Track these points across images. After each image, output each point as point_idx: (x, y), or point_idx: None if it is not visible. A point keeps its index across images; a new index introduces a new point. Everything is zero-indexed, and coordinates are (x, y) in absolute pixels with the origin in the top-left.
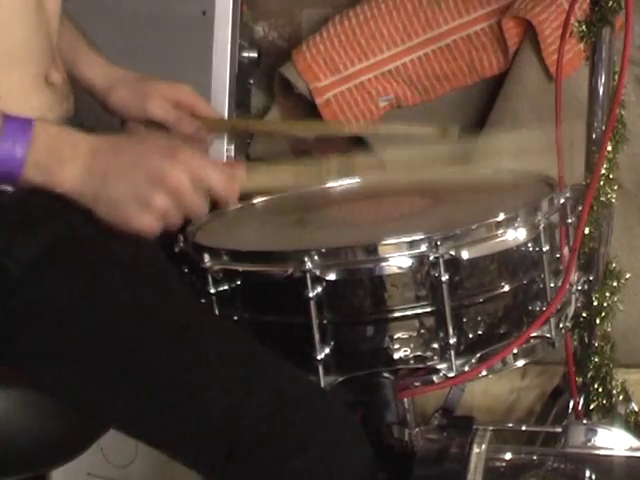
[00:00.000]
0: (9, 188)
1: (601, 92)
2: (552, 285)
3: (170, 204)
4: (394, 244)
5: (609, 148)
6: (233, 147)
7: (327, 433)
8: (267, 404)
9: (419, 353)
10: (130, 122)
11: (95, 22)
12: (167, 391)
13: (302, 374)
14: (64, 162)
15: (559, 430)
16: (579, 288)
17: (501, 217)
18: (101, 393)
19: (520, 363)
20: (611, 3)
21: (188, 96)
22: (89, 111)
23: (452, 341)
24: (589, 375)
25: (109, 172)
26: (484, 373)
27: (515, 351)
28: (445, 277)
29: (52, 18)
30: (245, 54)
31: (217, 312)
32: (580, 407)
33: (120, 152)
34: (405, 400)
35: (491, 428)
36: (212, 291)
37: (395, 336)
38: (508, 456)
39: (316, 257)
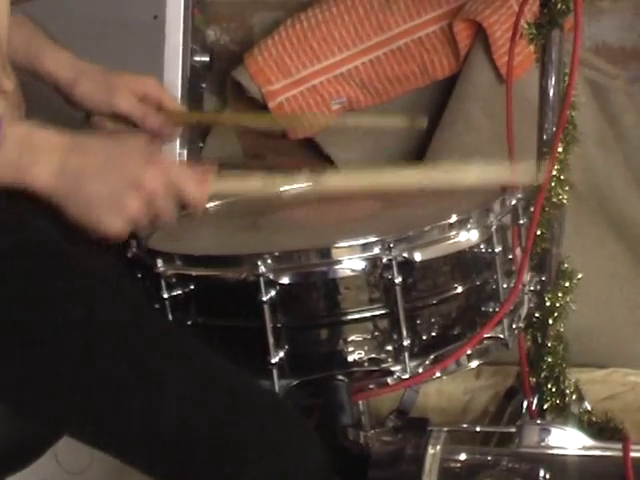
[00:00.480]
0: None
1: (551, 93)
2: (505, 286)
3: (143, 209)
4: (347, 247)
5: (560, 149)
6: (185, 151)
7: (281, 439)
8: (220, 416)
9: (373, 355)
10: (95, 116)
11: (46, 25)
12: (119, 402)
13: (255, 380)
14: (36, 160)
15: (513, 430)
16: (532, 289)
17: (453, 219)
18: (52, 401)
19: (474, 364)
20: (560, 5)
21: (154, 89)
22: (40, 118)
23: (406, 343)
24: (543, 375)
25: (84, 172)
26: (438, 374)
27: (469, 352)
28: (398, 279)
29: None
30: (197, 58)
31: (171, 317)
32: (534, 407)
33: (97, 152)
34: (360, 402)
35: (446, 429)
36: (165, 296)
37: (349, 339)
38: (463, 457)
39: (269, 261)
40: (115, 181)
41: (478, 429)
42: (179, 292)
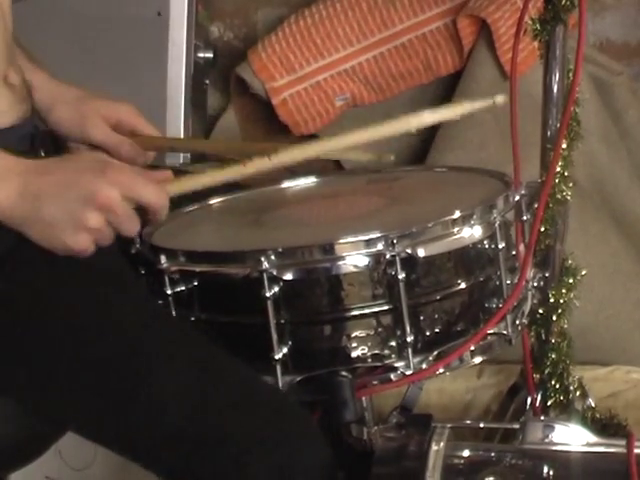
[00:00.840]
0: None
1: (555, 90)
2: (508, 282)
3: (103, 222)
4: (351, 243)
5: (564, 146)
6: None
7: (284, 434)
8: (224, 407)
9: (377, 351)
10: (71, 143)
11: (50, 23)
12: (123, 395)
13: (258, 375)
14: None
15: (517, 427)
16: (535, 285)
17: (457, 215)
18: (57, 395)
19: (477, 360)
20: (564, 1)
21: (128, 115)
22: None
23: (409, 339)
24: (546, 372)
25: (41, 194)
26: (441, 370)
27: (472, 348)
28: (402, 275)
29: (6, 19)
30: (201, 54)
31: (174, 313)
32: (538, 403)
33: (51, 173)
34: (363, 399)
35: (449, 425)
36: (169, 292)
37: (353, 335)
38: (466, 453)
39: (273, 257)
40: (71, 199)
41: (482, 425)
42: (182, 288)
